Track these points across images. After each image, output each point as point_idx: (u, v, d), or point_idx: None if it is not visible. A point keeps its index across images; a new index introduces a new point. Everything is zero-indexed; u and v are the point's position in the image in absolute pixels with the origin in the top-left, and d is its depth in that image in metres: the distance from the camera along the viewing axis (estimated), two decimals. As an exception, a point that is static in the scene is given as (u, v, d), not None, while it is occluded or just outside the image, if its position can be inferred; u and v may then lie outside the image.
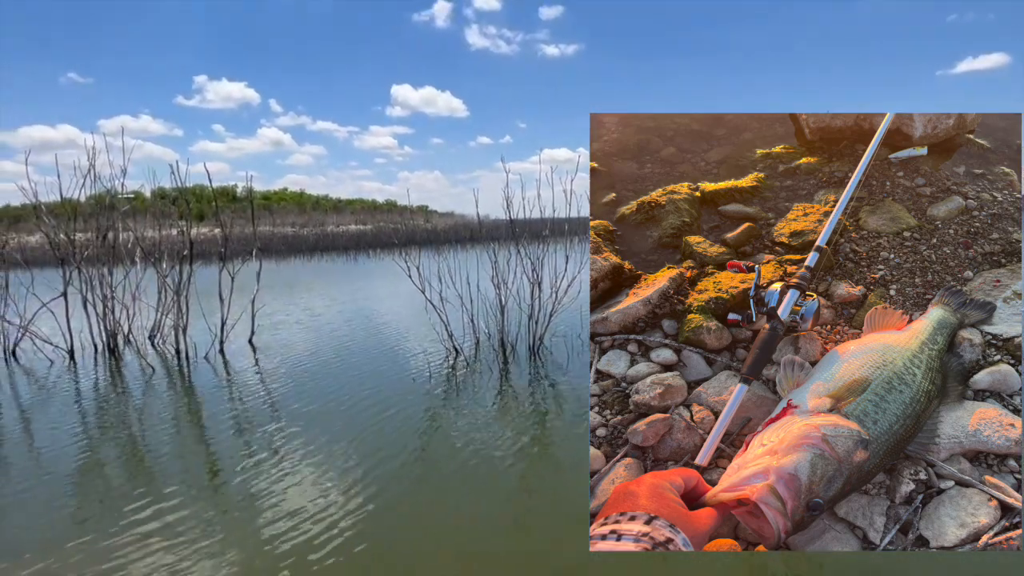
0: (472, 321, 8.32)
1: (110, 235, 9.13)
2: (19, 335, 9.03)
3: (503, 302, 8.10)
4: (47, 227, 9.05)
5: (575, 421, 5.39)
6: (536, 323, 7.91)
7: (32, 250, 18.72)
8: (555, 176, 8.03)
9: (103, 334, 9.04)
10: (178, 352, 8.62)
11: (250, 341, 9.09)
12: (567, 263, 8.00)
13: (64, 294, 8.89)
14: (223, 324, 8.75)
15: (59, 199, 9.26)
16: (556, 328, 8.40)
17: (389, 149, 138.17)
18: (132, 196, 10.11)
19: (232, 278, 8.88)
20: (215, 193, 10.35)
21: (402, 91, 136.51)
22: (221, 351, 8.65)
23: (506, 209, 7.99)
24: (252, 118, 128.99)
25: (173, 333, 8.76)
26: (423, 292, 7.92)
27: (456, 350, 7.88)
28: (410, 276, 7.89)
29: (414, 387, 6.60)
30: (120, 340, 9.16)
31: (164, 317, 9.10)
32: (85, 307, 8.95)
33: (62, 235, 9.01)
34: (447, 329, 7.89)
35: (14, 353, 9.03)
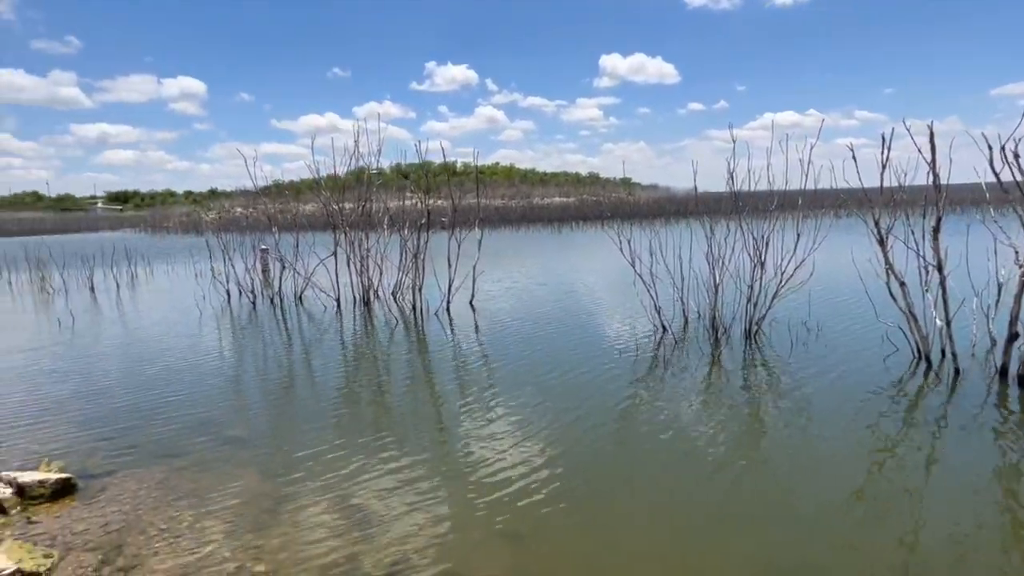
0: (682, 299, 8.00)
1: (367, 205, 10.84)
2: (304, 284, 11.36)
3: (718, 280, 7.61)
4: (324, 198, 11.13)
5: (791, 421, 4.88)
6: (755, 306, 7.27)
7: (310, 217, 23.21)
8: (788, 144, 7.14)
9: (360, 288, 10.88)
10: (414, 308, 9.98)
11: (470, 303, 10.08)
12: (797, 241, 7.14)
13: (334, 254, 10.89)
14: (450, 285, 9.83)
15: (331, 175, 11.33)
16: (776, 314, 7.62)
17: (594, 121, 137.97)
18: (377, 172, 11.81)
19: (459, 245, 9.89)
20: (448, 169, 11.60)
21: (611, 61, 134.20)
22: (447, 309, 9.77)
23: (729, 180, 7.40)
24: (471, 98, 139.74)
25: (411, 291, 10.15)
26: (632, 265, 7.84)
27: (664, 327, 7.68)
28: (621, 249, 7.86)
29: (620, 360, 6.64)
30: (371, 294, 10.92)
31: (404, 276, 10.57)
32: (348, 265, 10.85)
33: (334, 205, 10.98)
34: (656, 305, 7.72)
35: (300, 298, 11.40)
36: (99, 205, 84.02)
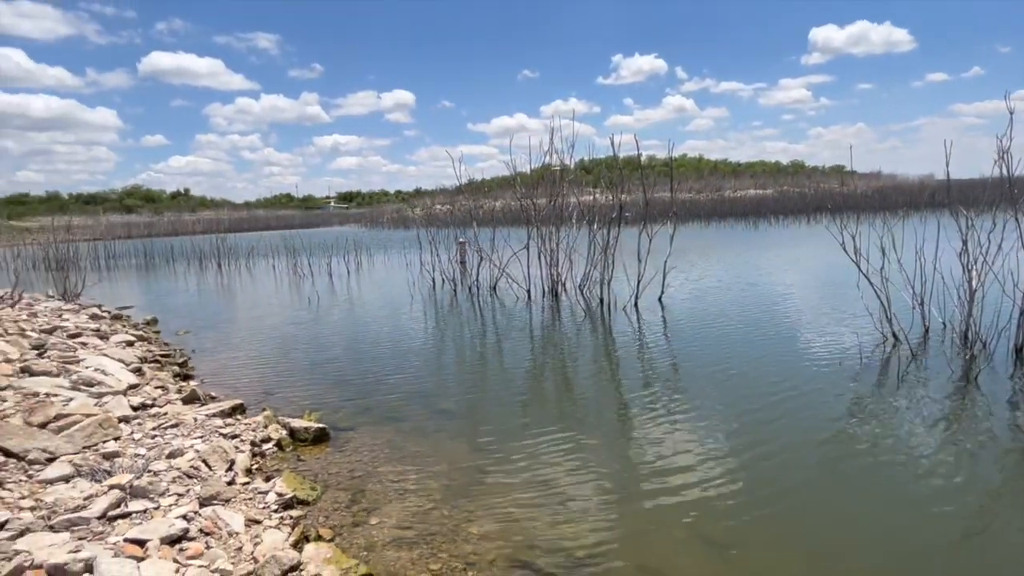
0: (921, 305, 6.75)
1: (558, 200, 11.15)
2: (498, 275, 12.14)
3: (975, 286, 6.25)
4: (519, 194, 11.74)
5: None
6: (1031, 318, 5.82)
7: (499, 212, 24.70)
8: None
9: (549, 280, 11.26)
10: (601, 301, 10.02)
11: (659, 299, 9.78)
12: (1104, 238, 5.53)
13: (527, 247, 11.43)
14: (639, 281, 9.66)
15: (523, 172, 11.90)
16: (1064, 329, 5.99)
17: (801, 103, 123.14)
18: (559, 167, 12.03)
19: (650, 240, 9.65)
20: (632, 162, 11.37)
21: (823, 33, 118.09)
22: (635, 305, 9.61)
23: (1001, 162, 5.99)
24: (658, 88, 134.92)
25: (598, 285, 10.21)
26: (858, 265, 6.83)
27: (895, 337, 6.58)
28: (843, 246, 6.88)
29: (835, 371, 5.85)
30: (560, 286, 11.23)
31: (592, 270, 10.66)
32: (539, 258, 11.30)
33: (528, 201, 11.51)
34: (887, 311, 6.63)
35: (495, 288, 12.21)
36: (331, 204, 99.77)
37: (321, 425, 4.72)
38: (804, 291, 10.54)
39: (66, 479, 3.49)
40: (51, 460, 3.71)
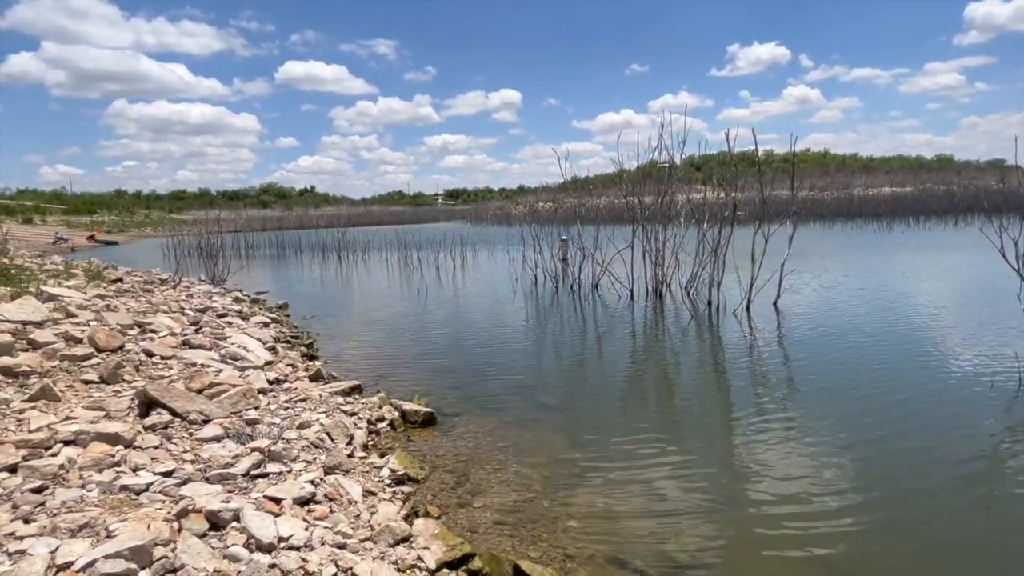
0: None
1: (666, 198, 10.81)
2: (601, 273, 12.03)
3: None
4: (626, 190, 11.54)
5: None
6: None
7: (606, 209, 24.38)
8: None
9: (653, 280, 10.97)
10: (709, 304, 9.58)
11: (775, 304, 9.17)
12: None
13: (631, 245, 11.21)
14: (752, 284, 9.12)
15: (628, 169, 11.66)
16: None
17: (951, 89, 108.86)
18: (667, 164, 11.60)
19: (766, 240, 9.07)
20: (753, 158, 10.70)
21: (982, 9, 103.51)
22: (747, 309, 9.09)
23: None
24: (779, 78, 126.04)
25: (707, 286, 9.78)
26: (1020, 273, 5.94)
27: (1064, 359, 5.66)
28: (1002, 251, 6.02)
29: (987, 394, 5.16)
30: (664, 287, 10.91)
31: (700, 271, 10.23)
32: (644, 257, 11.04)
33: (633, 198, 11.29)
34: (1055, 328, 5.73)
35: (596, 286, 12.12)
36: (440, 201, 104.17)
37: (429, 409, 5.00)
38: (947, 302, 9.37)
39: (217, 439, 4.00)
40: (206, 422, 4.27)
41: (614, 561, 3.03)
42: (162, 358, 5.57)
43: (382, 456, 4.19)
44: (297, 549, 2.77)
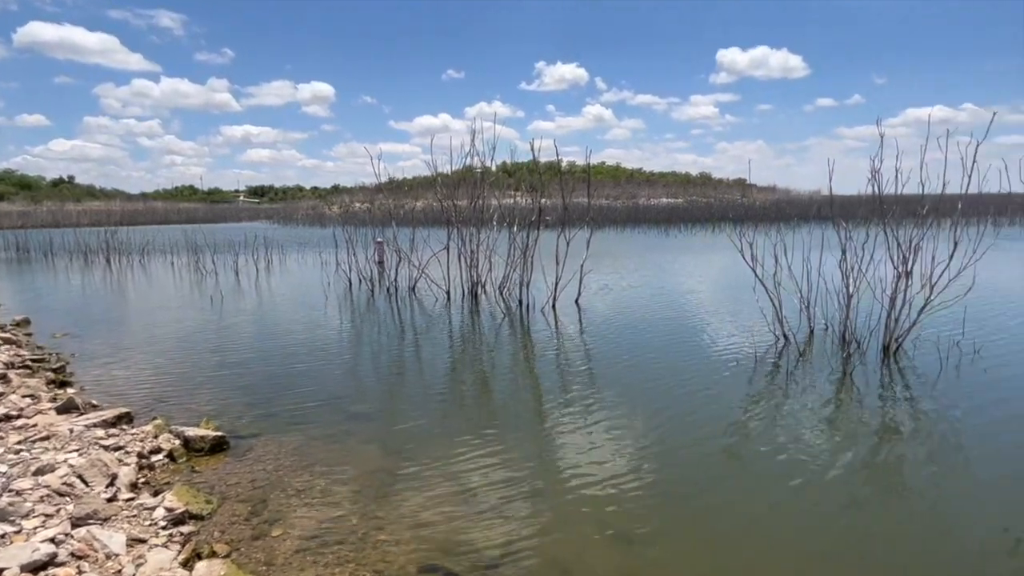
0: (808, 308, 7.40)
1: (479, 202, 11.15)
2: (418, 275, 11.94)
3: (851, 290, 6.94)
4: (440, 194, 11.62)
5: (936, 455, 4.32)
6: (896, 320, 6.55)
7: (420, 213, 24.35)
8: (948, 141, 6.31)
9: (469, 281, 11.23)
10: (520, 303, 10.13)
11: (576, 301, 10.04)
12: (953, 251, 6.33)
13: (447, 248, 11.33)
14: (556, 283, 9.86)
15: (444, 173, 11.79)
16: (922, 331, 6.81)
17: (708, 119, 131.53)
18: (481, 170, 12.06)
19: (567, 243, 9.88)
20: (556, 168, 11.61)
21: (729, 55, 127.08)
22: (553, 307, 9.80)
23: (871, 181, 6.70)
24: (579, 97, 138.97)
25: (518, 286, 10.32)
26: (754, 271, 7.37)
27: (786, 337, 7.16)
28: (741, 252, 7.41)
29: (735, 370, 6.28)
30: (479, 288, 11.23)
31: (512, 272, 10.76)
32: (459, 259, 11.24)
33: (448, 201, 11.42)
34: (778, 313, 7.20)
35: (413, 288, 12.00)
36: (241, 198, 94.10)
37: (220, 433, 4.40)
38: (709, 295, 11.22)
39: (-98, 504, 3.02)
40: None
41: (425, 568, 2.97)
42: None
43: (156, 494, 3.57)
44: (24, 630, 2.20)
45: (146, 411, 5.12)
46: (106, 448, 4.04)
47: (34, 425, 4.42)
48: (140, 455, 4.04)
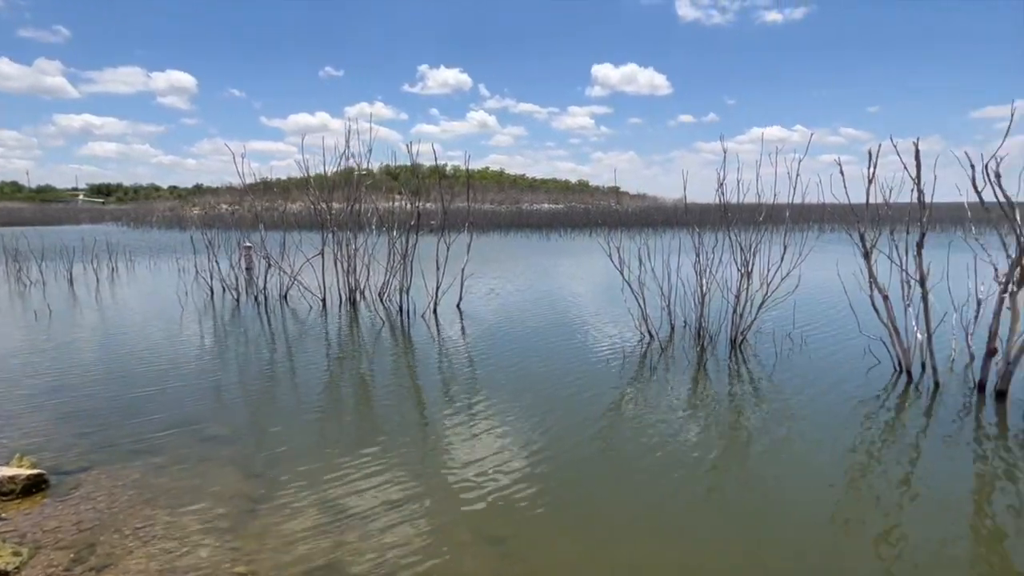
0: (669, 307, 8.04)
1: (356, 205, 10.76)
2: (290, 283, 11.23)
3: (705, 290, 7.67)
4: (313, 197, 11.03)
5: (774, 430, 4.91)
6: (740, 316, 7.34)
7: (296, 215, 22.97)
8: (777, 158, 7.22)
9: (346, 288, 10.78)
10: (400, 309, 9.91)
11: (458, 306, 10.04)
12: (784, 253, 7.22)
13: (321, 252, 10.79)
14: (437, 288, 9.79)
15: (320, 174, 11.23)
16: (762, 324, 7.70)
17: (585, 129, 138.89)
18: (365, 172, 11.72)
19: (448, 248, 9.85)
20: (437, 172, 11.53)
21: (603, 70, 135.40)
22: (435, 312, 9.71)
23: (718, 191, 7.48)
24: (463, 102, 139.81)
25: (398, 292, 10.09)
26: (622, 273, 7.87)
27: (651, 335, 7.71)
28: (610, 256, 7.88)
29: (607, 367, 6.65)
30: (358, 295, 10.83)
31: (392, 278, 10.50)
32: (335, 264, 10.75)
33: (323, 204, 10.89)
34: (643, 313, 7.75)
35: (285, 297, 11.27)
36: (81, 197, 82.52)
37: (36, 471, 3.78)
38: (587, 297, 11.79)
39: None
40: None
41: (286, 598, 2.77)
42: None
43: (-56, 552, 2.97)
44: None
45: (-63, 452, 4.27)
46: None
47: None
48: (-76, 506, 3.35)
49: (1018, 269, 5.18)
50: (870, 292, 6.22)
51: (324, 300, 10.64)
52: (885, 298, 6.07)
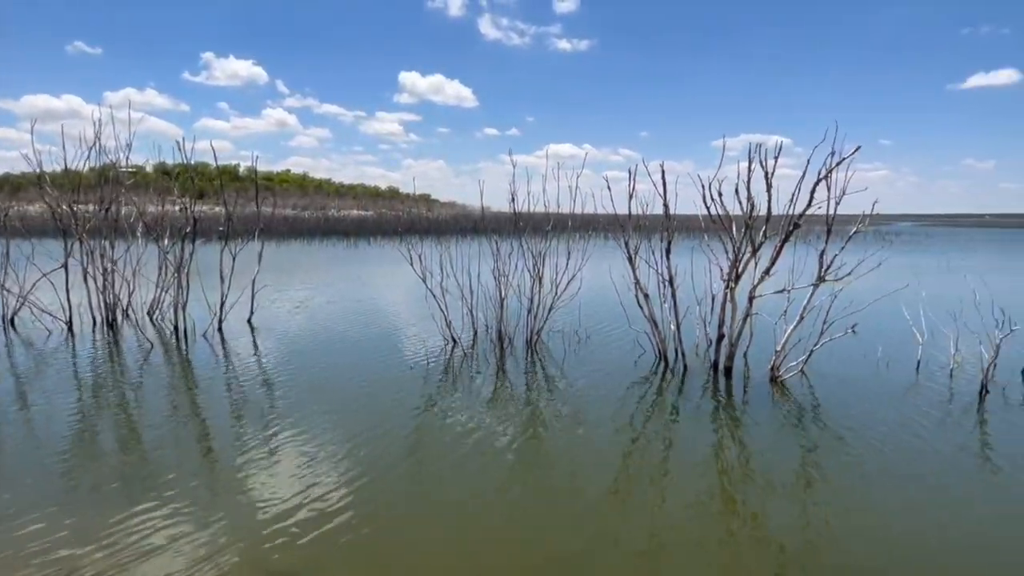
0: (471, 312, 8.34)
1: (113, 208, 9.11)
2: (18, 304, 9.03)
3: (503, 295, 8.12)
4: (50, 197, 9.03)
5: (566, 420, 5.42)
6: (535, 318, 7.94)
7: (33, 219, 18.65)
8: (560, 172, 8.00)
9: (102, 307, 9.05)
10: (176, 329, 8.64)
11: (249, 321, 9.11)
12: (568, 259, 8.01)
13: (65, 265, 8.89)
14: (222, 303, 8.76)
15: (63, 169, 9.23)
16: (553, 324, 8.43)
17: (395, 136, 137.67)
18: (134, 170, 10.05)
19: (233, 257, 8.88)
20: (220, 172, 10.32)
21: (410, 78, 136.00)
22: (220, 329, 8.67)
23: (511, 202, 8.00)
24: (259, 97, 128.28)
25: (172, 309, 8.78)
26: (424, 281, 7.94)
27: (454, 340, 7.91)
28: (411, 264, 7.89)
29: (411, 375, 6.63)
30: (119, 314, 9.17)
31: (164, 293, 9.11)
32: (85, 279, 8.95)
33: (64, 206, 8.98)
34: (446, 319, 7.91)
35: (12, 322, 9.03)
36: None
37: None
38: (391, 305, 11.62)
39: None
40: None
41: None
42: None
43: None
44: None
45: None
46: None
47: None
48: None
49: (734, 269, 6.48)
50: (635, 292, 7.22)
51: (70, 323, 8.78)
52: (646, 296, 7.11)
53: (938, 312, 8.24)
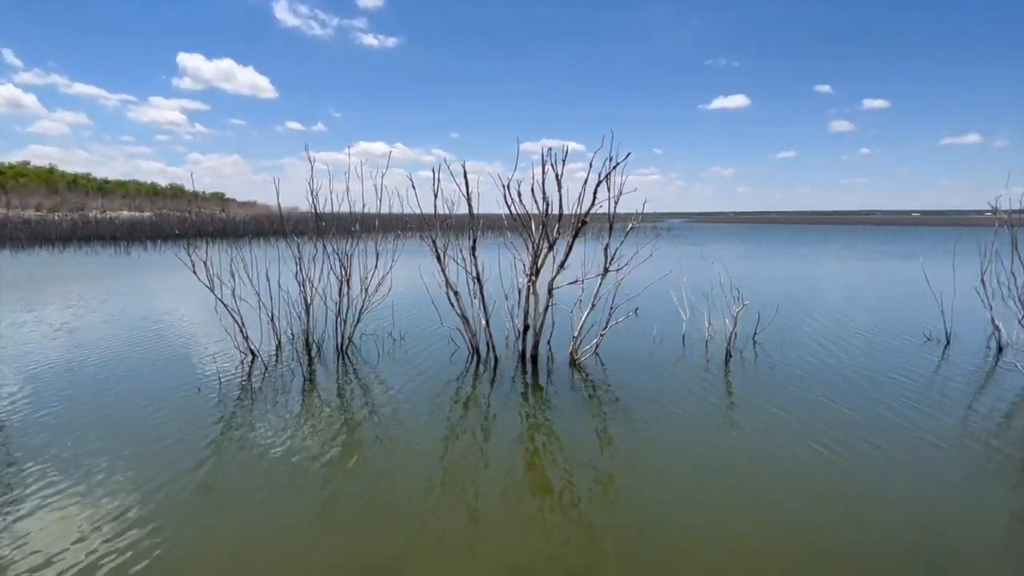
0: (272, 321, 7.66)
1: None
2: None
3: (308, 300, 7.62)
4: None
5: (384, 425, 5.30)
6: (344, 322, 7.60)
7: None
8: (365, 170, 7.74)
9: None
10: None
11: (-33, 352, 7.16)
12: (377, 260, 7.82)
13: None
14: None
15: None
16: (366, 327, 8.17)
17: (176, 125, 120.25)
18: None
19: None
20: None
21: (193, 60, 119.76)
22: (-82, 367, 6.66)
23: (310, 201, 7.52)
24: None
25: None
26: (211, 289, 7.05)
27: (253, 353, 7.19)
28: (194, 271, 6.95)
29: (199, 398, 5.85)
30: None
31: None
32: None
33: None
34: (242, 331, 7.14)
35: None
36: None
37: None
38: (173, 319, 10.11)
39: None
40: None
41: None
42: None
43: None
44: None
45: None
46: None
47: None
48: None
49: (534, 264, 6.98)
50: (446, 290, 7.34)
51: None
52: (456, 293, 7.28)
53: (696, 293, 9.88)
